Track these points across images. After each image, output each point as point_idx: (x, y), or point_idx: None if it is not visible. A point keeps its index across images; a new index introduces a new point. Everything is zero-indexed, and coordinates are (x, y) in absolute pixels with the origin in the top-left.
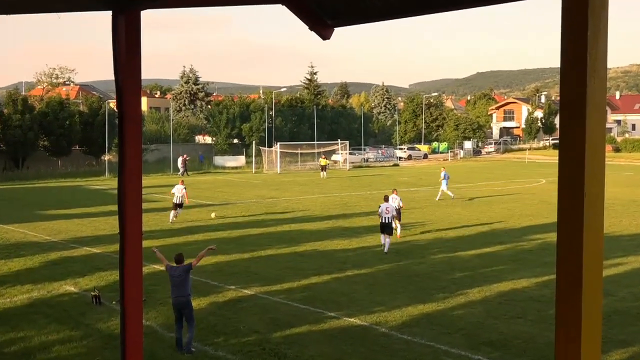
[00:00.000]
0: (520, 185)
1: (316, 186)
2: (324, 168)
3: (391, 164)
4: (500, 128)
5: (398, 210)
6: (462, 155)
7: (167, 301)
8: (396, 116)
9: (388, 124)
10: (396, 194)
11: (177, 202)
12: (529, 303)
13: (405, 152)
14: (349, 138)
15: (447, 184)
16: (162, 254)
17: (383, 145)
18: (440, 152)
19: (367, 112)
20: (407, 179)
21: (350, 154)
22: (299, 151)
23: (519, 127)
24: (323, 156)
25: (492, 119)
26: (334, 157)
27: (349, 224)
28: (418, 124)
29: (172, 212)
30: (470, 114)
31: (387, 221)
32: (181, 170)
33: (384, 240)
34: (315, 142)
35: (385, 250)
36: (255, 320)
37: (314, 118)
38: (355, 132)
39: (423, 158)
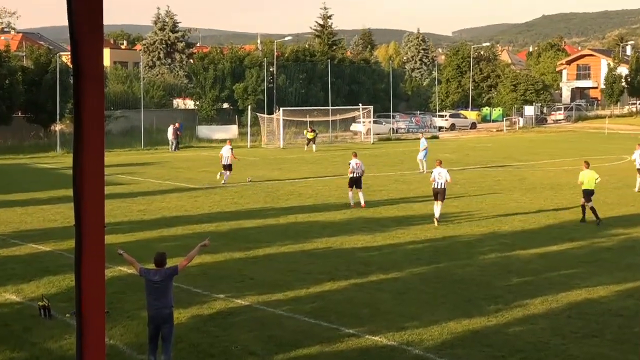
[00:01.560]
0: (598, 163)
1: (330, 164)
2: (310, 142)
3: (429, 136)
4: (572, 89)
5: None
6: (521, 125)
7: (137, 314)
8: (435, 73)
9: (424, 83)
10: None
11: (226, 164)
12: (607, 318)
13: (446, 120)
14: (373, 102)
15: (425, 155)
16: (130, 255)
17: (418, 112)
18: (493, 121)
19: (397, 68)
20: (449, 155)
21: (374, 122)
22: (308, 119)
23: (596, 88)
24: (309, 128)
25: (561, 76)
26: (354, 126)
27: (372, 214)
28: (464, 84)
29: (225, 173)
30: (533, 71)
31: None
32: (173, 144)
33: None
34: (330, 107)
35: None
36: (250, 339)
37: (328, 76)
38: (382, 94)
39: (470, 128)
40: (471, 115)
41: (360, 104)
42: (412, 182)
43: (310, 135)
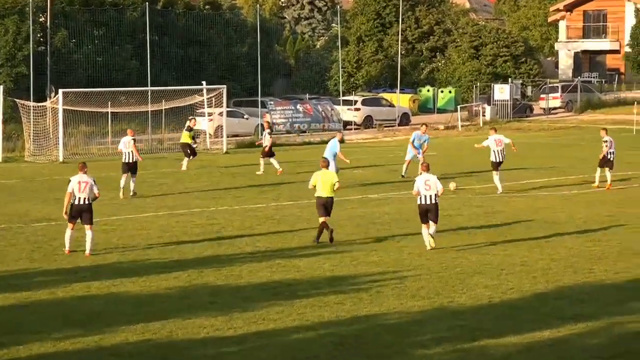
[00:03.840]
0: (621, 185)
1: (158, 187)
2: (189, 152)
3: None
4: (576, 54)
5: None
6: (488, 117)
7: None
8: (337, 27)
9: (318, 45)
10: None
11: (129, 161)
12: None
13: (357, 109)
14: (227, 79)
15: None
16: None
17: (307, 96)
18: (439, 110)
19: (269, 19)
20: (361, 171)
21: (229, 114)
22: (110, 109)
23: (618, 52)
24: (193, 119)
25: (556, 32)
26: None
27: (226, 279)
28: (388, 46)
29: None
30: (509, 22)
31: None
32: None
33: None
34: (149, 87)
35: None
36: None
37: (145, 32)
38: (243, 64)
39: (399, 124)
40: (402, 101)
41: (203, 82)
42: (290, 218)
43: (186, 138)
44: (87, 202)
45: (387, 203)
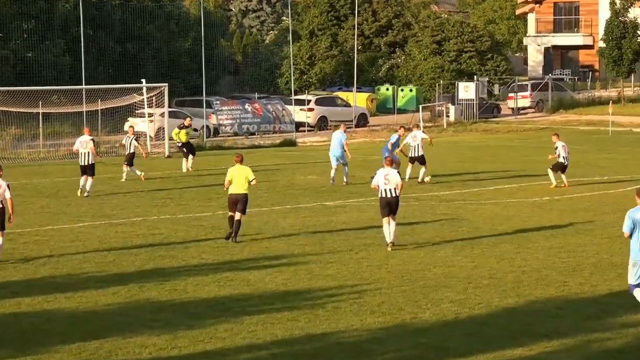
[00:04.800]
0: (602, 189)
1: (95, 194)
2: (187, 151)
3: (279, 141)
4: (547, 49)
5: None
6: (452, 118)
7: None
8: (288, 20)
9: (267, 39)
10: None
11: (87, 164)
12: None
13: (310, 109)
14: (169, 76)
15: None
16: None
17: (256, 95)
18: (400, 110)
19: (214, 11)
20: (313, 177)
21: (172, 115)
22: (41, 109)
23: (591, 47)
24: (188, 118)
25: (525, 26)
26: (133, 123)
27: (169, 293)
28: (343, 41)
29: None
30: (473, 15)
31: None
32: None
33: None
34: (84, 85)
35: None
36: None
37: (79, 25)
38: (186, 61)
39: (357, 125)
40: (359, 100)
41: (143, 81)
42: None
43: (182, 135)
44: None
45: (344, 211)
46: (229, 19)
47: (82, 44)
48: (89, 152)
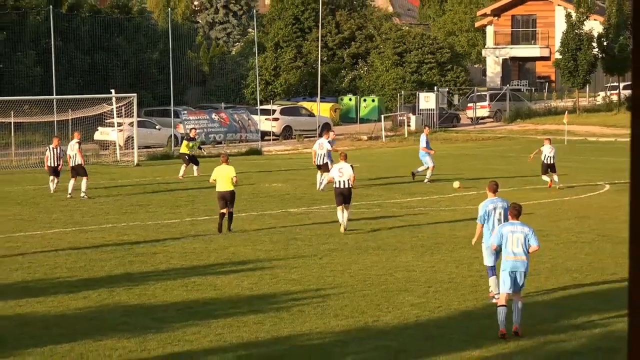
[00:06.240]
0: (548, 194)
1: (66, 201)
2: (188, 159)
3: (245, 150)
4: (505, 61)
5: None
6: (413, 127)
7: None
8: (254, 32)
9: (234, 51)
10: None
11: (74, 165)
12: None
13: (275, 119)
14: (138, 87)
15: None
16: None
17: (223, 105)
18: (363, 120)
19: (182, 23)
20: (280, 184)
21: (140, 125)
22: (12, 119)
23: (548, 59)
24: (193, 129)
25: (484, 38)
26: (103, 133)
27: (138, 297)
28: (307, 52)
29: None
30: (433, 27)
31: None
32: None
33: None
34: (55, 95)
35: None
36: None
37: (49, 37)
38: (154, 72)
39: (320, 134)
40: (322, 110)
41: (112, 91)
42: (206, 234)
43: (184, 147)
44: None
45: (308, 218)
46: (196, 30)
47: (53, 55)
48: (76, 154)
